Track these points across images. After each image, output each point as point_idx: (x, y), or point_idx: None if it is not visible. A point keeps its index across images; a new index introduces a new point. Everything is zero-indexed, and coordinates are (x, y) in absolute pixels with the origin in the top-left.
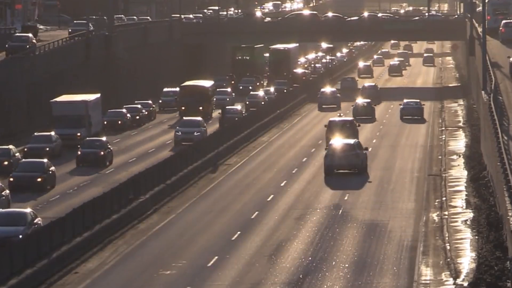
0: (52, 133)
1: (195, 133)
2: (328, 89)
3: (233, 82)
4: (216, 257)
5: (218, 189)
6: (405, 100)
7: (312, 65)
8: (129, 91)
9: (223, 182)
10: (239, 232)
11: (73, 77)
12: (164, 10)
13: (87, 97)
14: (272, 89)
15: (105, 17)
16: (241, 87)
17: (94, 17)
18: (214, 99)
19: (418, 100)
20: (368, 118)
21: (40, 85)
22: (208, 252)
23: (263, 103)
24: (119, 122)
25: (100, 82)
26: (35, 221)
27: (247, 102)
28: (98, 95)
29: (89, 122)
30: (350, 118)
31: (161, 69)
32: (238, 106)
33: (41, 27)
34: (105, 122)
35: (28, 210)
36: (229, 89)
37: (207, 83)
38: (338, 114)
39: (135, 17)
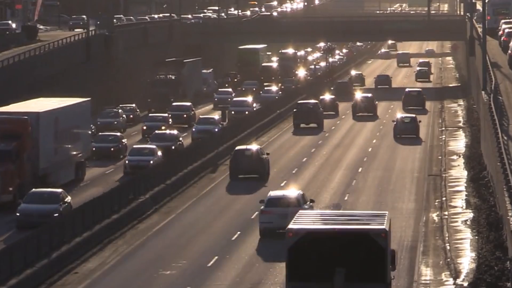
0: None
1: None
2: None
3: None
4: (216, 257)
5: (218, 189)
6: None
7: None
8: (129, 91)
9: (223, 182)
10: (239, 232)
11: (73, 77)
12: (164, 10)
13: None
14: (218, 116)
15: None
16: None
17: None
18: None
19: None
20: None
21: (40, 85)
22: (208, 252)
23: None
24: None
25: (100, 82)
26: None
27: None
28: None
29: None
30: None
31: None
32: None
33: (41, 27)
34: None
35: None
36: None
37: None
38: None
39: (132, 18)
